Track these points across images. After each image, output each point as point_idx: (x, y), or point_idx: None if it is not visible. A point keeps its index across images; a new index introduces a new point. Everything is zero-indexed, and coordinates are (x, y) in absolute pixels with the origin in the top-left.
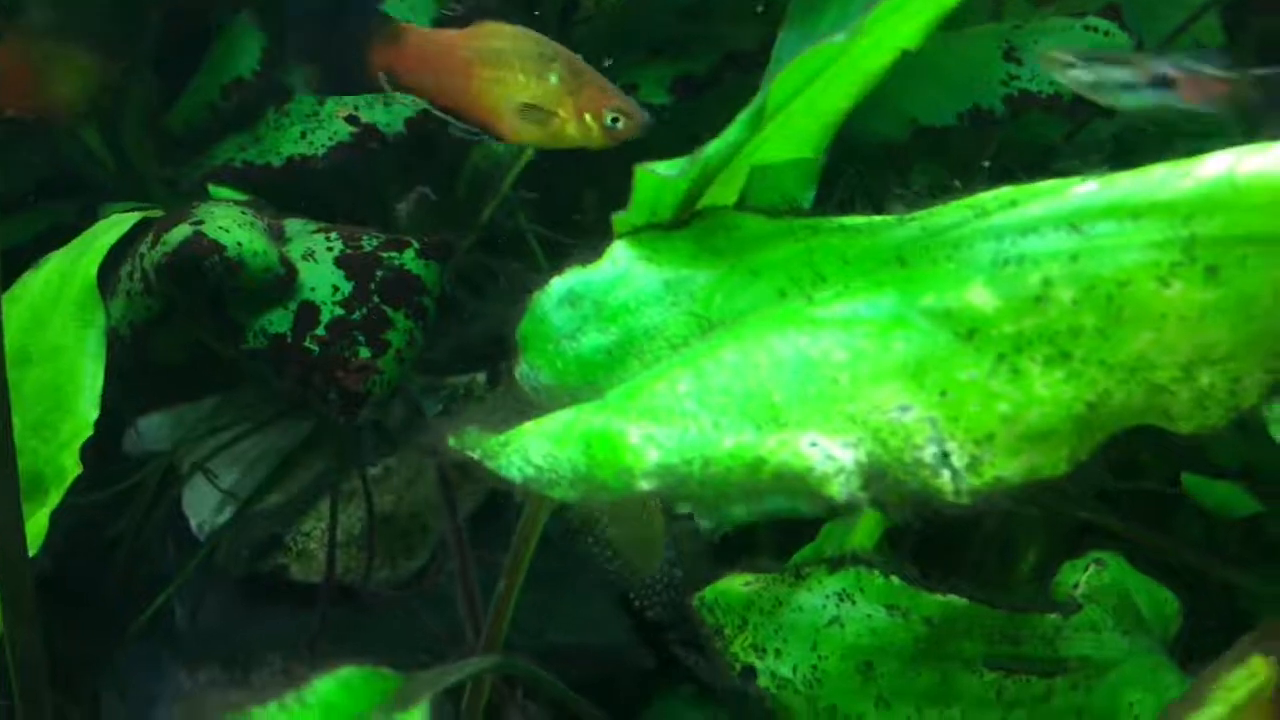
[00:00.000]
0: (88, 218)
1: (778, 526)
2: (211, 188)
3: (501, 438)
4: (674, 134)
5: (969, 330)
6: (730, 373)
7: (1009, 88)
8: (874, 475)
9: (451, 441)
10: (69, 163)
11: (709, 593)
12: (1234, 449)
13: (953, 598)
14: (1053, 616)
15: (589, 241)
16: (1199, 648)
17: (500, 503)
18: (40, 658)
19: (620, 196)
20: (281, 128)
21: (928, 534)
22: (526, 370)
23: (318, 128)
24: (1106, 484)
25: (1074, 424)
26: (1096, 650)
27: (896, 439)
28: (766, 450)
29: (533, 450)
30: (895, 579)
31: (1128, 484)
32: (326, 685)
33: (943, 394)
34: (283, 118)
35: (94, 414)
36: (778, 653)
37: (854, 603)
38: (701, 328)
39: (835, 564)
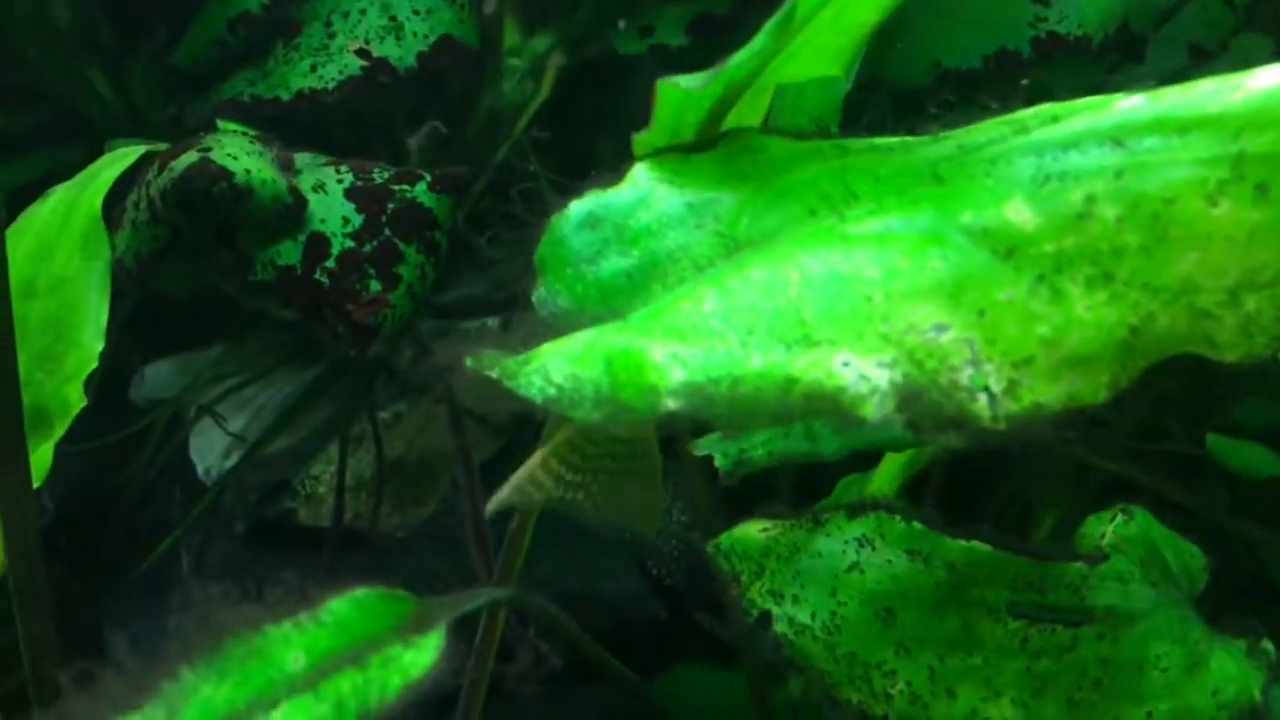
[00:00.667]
0: (94, 159)
1: (796, 478)
2: (220, 123)
3: (521, 358)
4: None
5: (1008, 249)
6: (759, 291)
7: (1036, 29)
8: (909, 397)
9: (469, 362)
10: (75, 104)
11: (725, 539)
12: (1258, 410)
13: (976, 544)
14: (1079, 565)
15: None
16: (1223, 606)
17: (513, 452)
18: (44, 595)
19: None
20: (290, 62)
21: (946, 488)
22: (544, 294)
23: (328, 61)
24: (1129, 446)
25: (1116, 349)
26: (1124, 601)
27: (932, 360)
28: (797, 369)
29: (553, 370)
30: (916, 524)
31: (1151, 446)
32: (341, 605)
33: (980, 314)
34: (291, 52)
35: (98, 346)
36: (795, 599)
37: (874, 548)
38: (727, 249)
39: (855, 510)
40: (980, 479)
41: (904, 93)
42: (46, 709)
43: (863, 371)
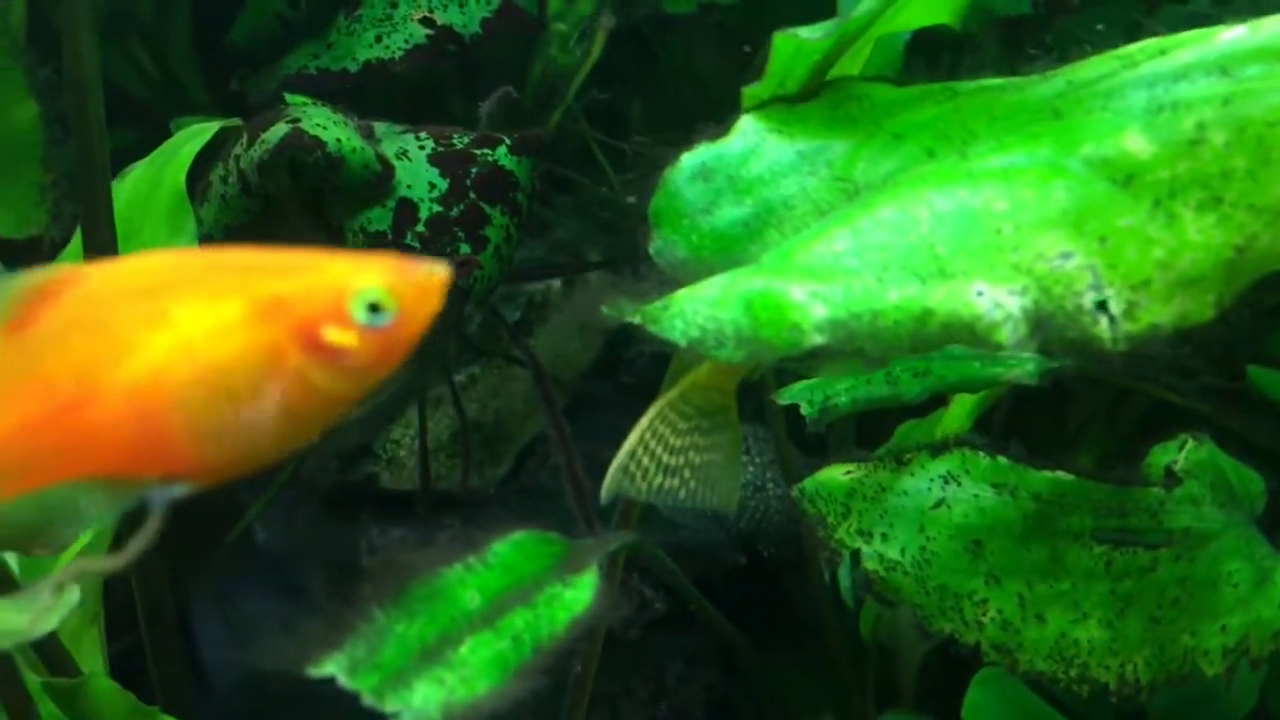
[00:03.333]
0: (148, 142)
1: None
2: (288, 96)
3: (660, 303)
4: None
5: (1126, 177)
6: (889, 229)
7: None
8: (1039, 322)
9: (606, 310)
10: (123, 85)
11: (809, 484)
12: None
13: (1060, 474)
14: (1156, 490)
15: (655, 149)
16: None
17: (584, 403)
18: (157, 556)
19: (667, 109)
20: (354, 33)
21: (1009, 425)
22: (661, 246)
23: (392, 31)
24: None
25: (1223, 269)
26: (1198, 522)
27: (1059, 286)
28: (934, 301)
29: (692, 313)
30: (1002, 459)
31: (1190, 381)
32: (504, 548)
33: (1102, 241)
34: (354, 23)
35: None
36: (884, 536)
37: (960, 484)
38: (846, 193)
39: (937, 449)
40: (1045, 410)
41: (957, 41)
42: (165, 665)
43: (996, 300)
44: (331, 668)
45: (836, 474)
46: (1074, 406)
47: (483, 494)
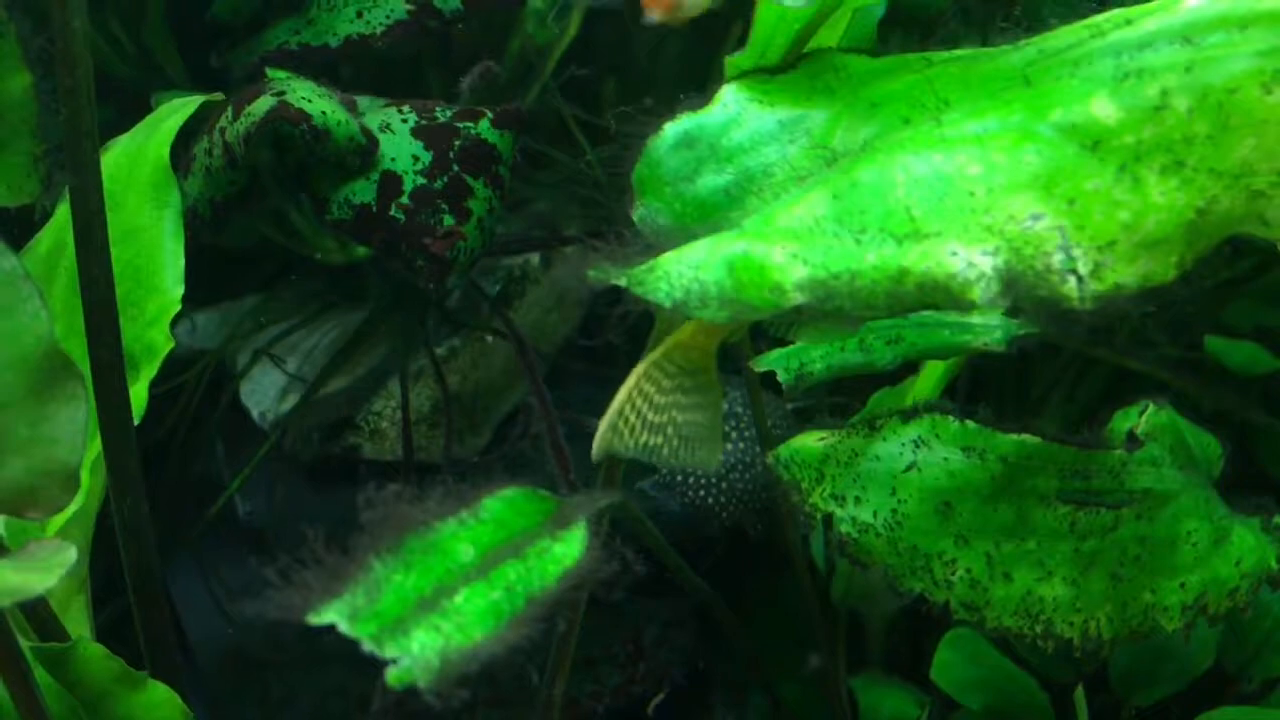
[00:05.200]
0: (126, 116)
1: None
2: (269, 71)
3: (645, 266)
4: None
5: (1094, 141)
6: (867, 193)
7: None
8: (1010, 281)
9: (591, 273)
10: (100, 62)
11: (784, 450)
12: (1247, 312)
13: (1027, 437)
14: (1119, 452)
15: (629, 128)
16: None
17: (560, 375)
18: (147, 524)
19: (640, 85)
20: (335, 9)
21: (974, 393)
22: (644, 213)
23: (374, 6)
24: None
25: (1185, 231)
26: (1158, 483)
27: (1029, 247)
28: (910, 261)
29: (676, 276)
30: (970, 423)
31: (1150, 351)
32: (495, 503)
33: (1070, 203)
34: None
35: (179, 290)
36: (857, 500)
37: (930, 448)
38: (825, 160)
39: (908, 414)
40: (1007, 379)
41: (922, 18)
42: (153, 632)
43: (970, 260)
44: (332, 615)
45: (810, 440)
46: (1036, 375)
47: (466, 463)
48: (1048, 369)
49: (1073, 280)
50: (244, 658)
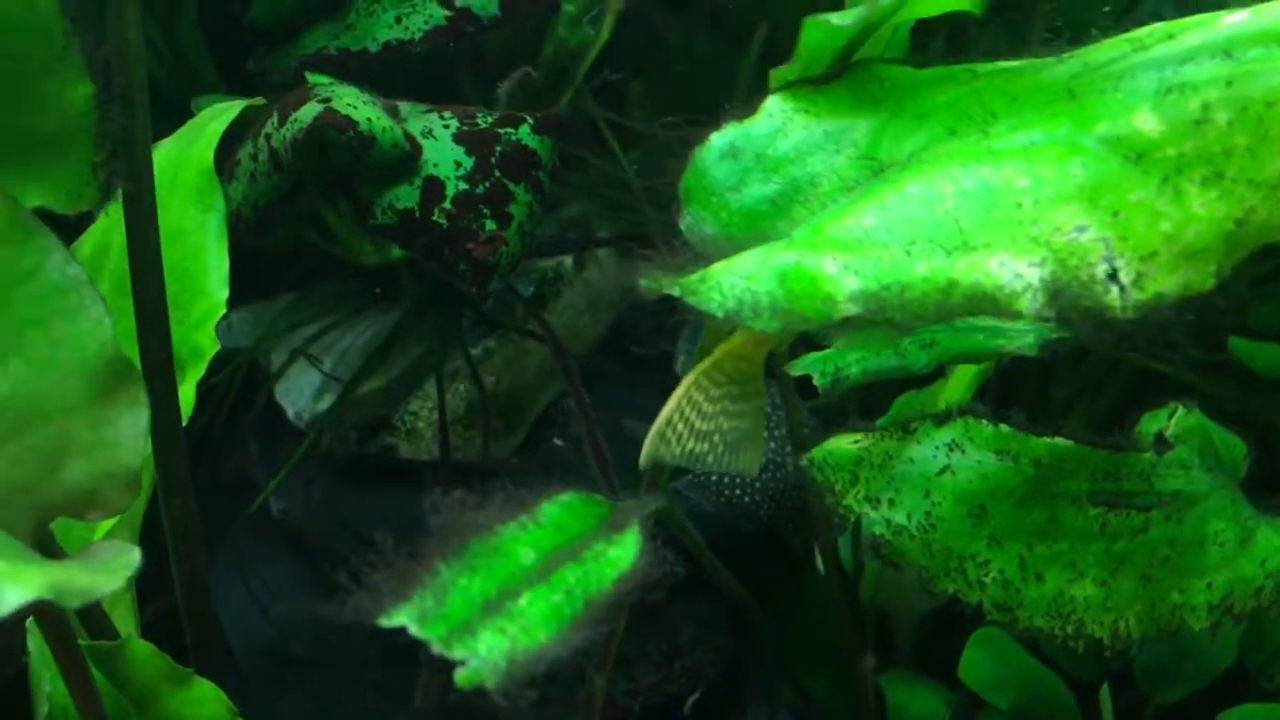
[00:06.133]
0: (163, 121)
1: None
2: (309, 75)
3: (697, 276)
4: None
5: (1137, 154)
6: (916, 204)
7: None
8: (1055, 292)
9: (644, 282)
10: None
11: (818, 453)
12: (1271, 314)
13: (1060, 440)
14: (1149, 455)
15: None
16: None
17: (592, 376)
18: (195, 522)
19: (669, 89)
20: (373, 14)
21: (1002, 396)
22: (691, 222)
23: (412, 12)
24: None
25: (1223, 241)
26: (1187, 485)
27: (1074, 258)
28: (958, 273)
29: (729, 286)
30: (1004, 427)
31: (1175, 354)
32: (552, 508)
33: (1115, 215)
34: (374, 4)
35: (224, 293)
36: (891, 502)
37: (964, 451)
38: (871, 170)
39: (942, 418)
40: (1024, 389)
41: (956, 26)
42: (199, 630)
43: (1017, 271)
44: (403, 618)
45: (844, 443)
46: (1061, 378)
47: (504, 464)
48: (1073, 372)
49: (1116, 290)
50: (282, 655)
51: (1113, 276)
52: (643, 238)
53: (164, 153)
